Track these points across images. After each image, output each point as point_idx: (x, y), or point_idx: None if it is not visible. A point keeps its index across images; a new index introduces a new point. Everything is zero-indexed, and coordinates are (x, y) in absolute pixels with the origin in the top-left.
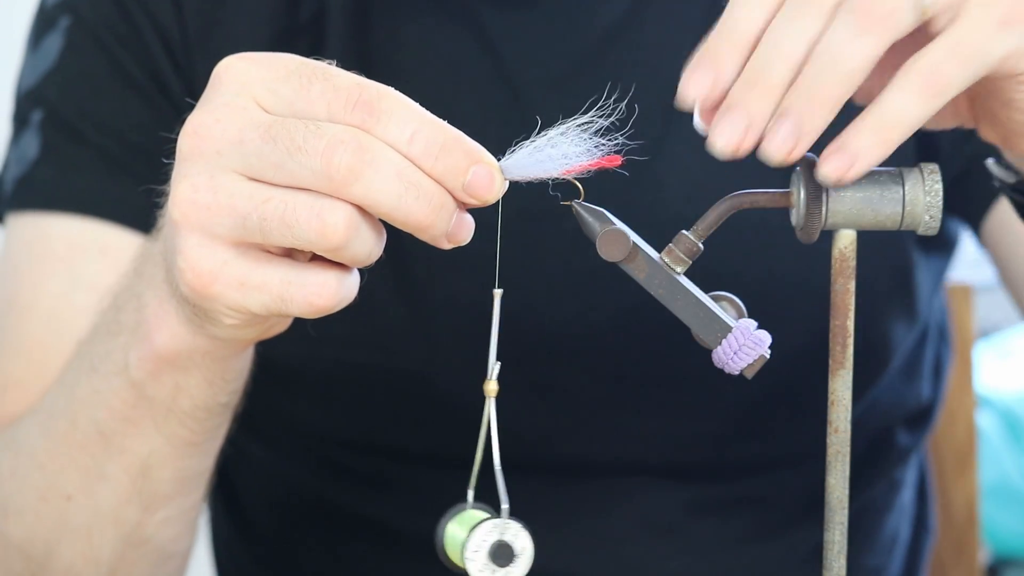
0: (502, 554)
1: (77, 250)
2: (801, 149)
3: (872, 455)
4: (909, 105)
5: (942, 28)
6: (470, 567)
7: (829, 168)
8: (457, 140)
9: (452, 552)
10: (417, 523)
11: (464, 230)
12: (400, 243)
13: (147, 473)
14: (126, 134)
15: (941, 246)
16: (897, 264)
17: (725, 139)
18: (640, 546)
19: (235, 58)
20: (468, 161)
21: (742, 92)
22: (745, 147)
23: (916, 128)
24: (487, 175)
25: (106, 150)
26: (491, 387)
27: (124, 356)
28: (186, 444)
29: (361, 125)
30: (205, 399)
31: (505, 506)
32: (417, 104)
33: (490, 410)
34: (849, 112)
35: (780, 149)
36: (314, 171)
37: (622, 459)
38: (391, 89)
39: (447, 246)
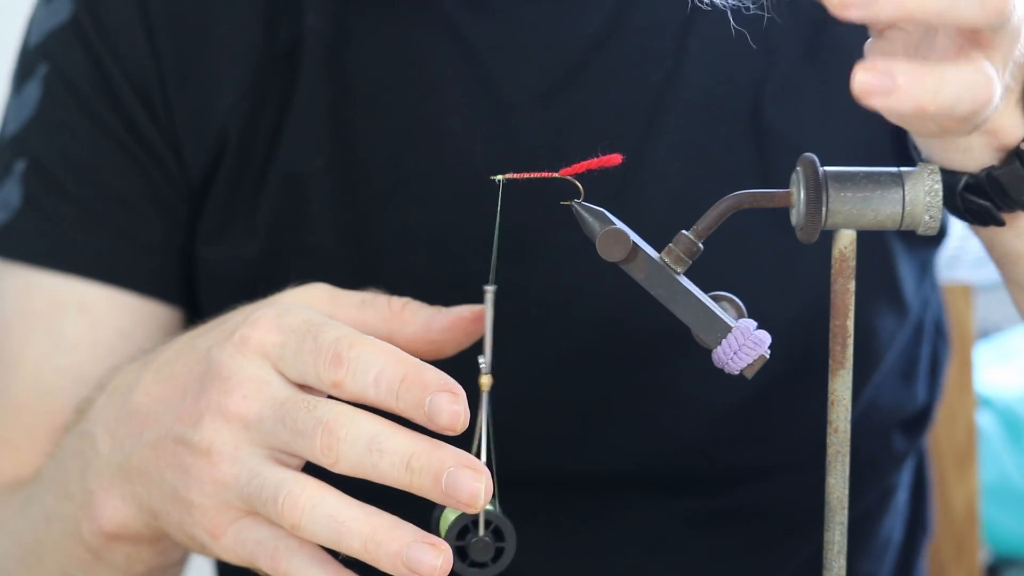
0: (479, 549)
1: (57, 308)
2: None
3: (868, 463)
4: (963, 97)
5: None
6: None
7: (864, 78)
8: (415, 373)
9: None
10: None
11: (461, 486)
12: (379, 282)
13: None
14: (104, 183)
15: (924, 238)
16: (879, 256)
17: None
18: (632, 560)
19: (254, 327)
20: (423, 392)
21: None
22: None
23: (946, 24)
24: (442, 403)
25: (86, 203)
26: (484, 381)
27: (77, 525)
28: None
29: (337, 380)
30: (160, 562)
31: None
32: (385, 345)
33: (484, 404)
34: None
35: None
36: (311, 453)
37: (612, 472)
38: (364, 338)
39: (453, 504)
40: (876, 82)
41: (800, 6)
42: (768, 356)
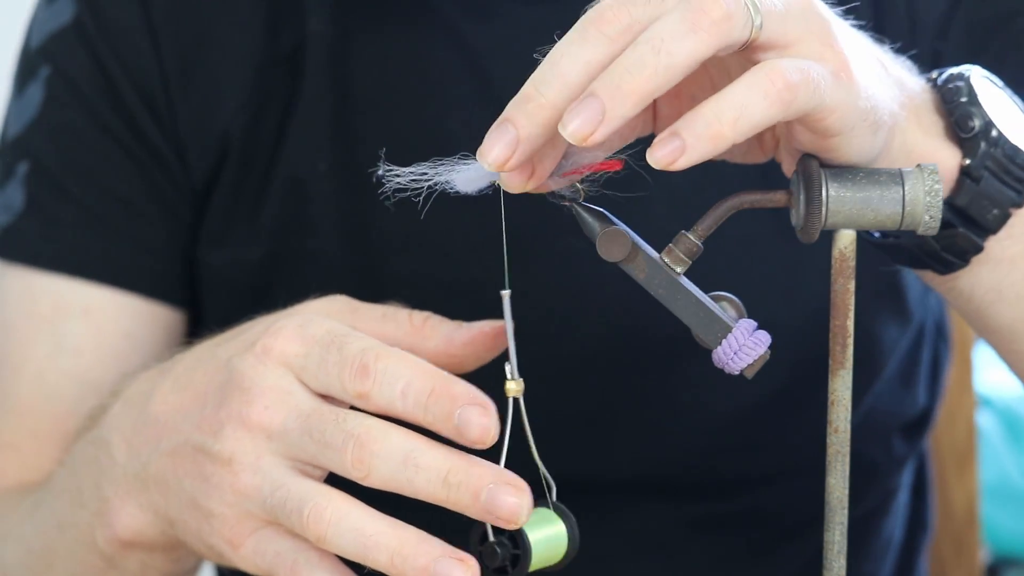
0: (488, 555)
1: (61, 310)
2: (601, 134)
3: (869, 467)
4: (752, 103)
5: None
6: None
7: (658, 155)
8: (444, 386)
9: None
10: None
11: (501, 503)
12: (382, 287)
13: None
14: (108, 185)
15: None
16: (884, 264)
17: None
18: (634, 564)
19: (275, 336)
20: (452, 405)
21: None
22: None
23: (754, 131)
24: (471, 416)
25: (89, 205)
26: (511, 387)
27: (91, 532)
28: None
29: (363, 392)
30: (174, 569)
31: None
32: (412, 357)
33: (512, 410)
34: None
35: (580, 129)
36: (340, 467)
37: (614, 477)
38: (391, 350)
39: (493, 521)
40: (667, 152)
41: None
42: (769, 356)
